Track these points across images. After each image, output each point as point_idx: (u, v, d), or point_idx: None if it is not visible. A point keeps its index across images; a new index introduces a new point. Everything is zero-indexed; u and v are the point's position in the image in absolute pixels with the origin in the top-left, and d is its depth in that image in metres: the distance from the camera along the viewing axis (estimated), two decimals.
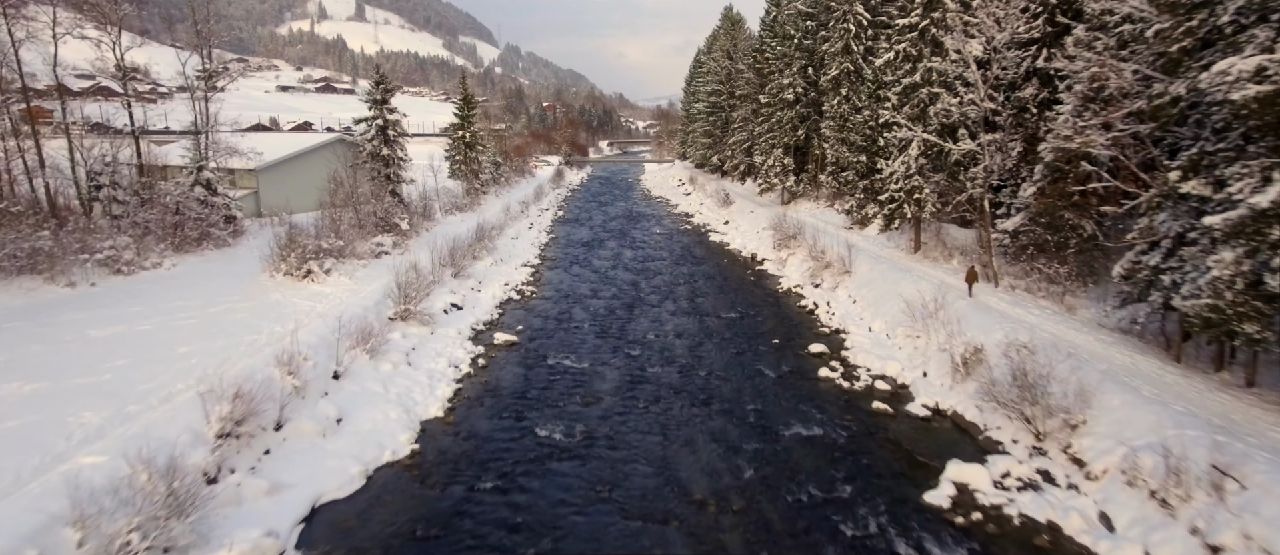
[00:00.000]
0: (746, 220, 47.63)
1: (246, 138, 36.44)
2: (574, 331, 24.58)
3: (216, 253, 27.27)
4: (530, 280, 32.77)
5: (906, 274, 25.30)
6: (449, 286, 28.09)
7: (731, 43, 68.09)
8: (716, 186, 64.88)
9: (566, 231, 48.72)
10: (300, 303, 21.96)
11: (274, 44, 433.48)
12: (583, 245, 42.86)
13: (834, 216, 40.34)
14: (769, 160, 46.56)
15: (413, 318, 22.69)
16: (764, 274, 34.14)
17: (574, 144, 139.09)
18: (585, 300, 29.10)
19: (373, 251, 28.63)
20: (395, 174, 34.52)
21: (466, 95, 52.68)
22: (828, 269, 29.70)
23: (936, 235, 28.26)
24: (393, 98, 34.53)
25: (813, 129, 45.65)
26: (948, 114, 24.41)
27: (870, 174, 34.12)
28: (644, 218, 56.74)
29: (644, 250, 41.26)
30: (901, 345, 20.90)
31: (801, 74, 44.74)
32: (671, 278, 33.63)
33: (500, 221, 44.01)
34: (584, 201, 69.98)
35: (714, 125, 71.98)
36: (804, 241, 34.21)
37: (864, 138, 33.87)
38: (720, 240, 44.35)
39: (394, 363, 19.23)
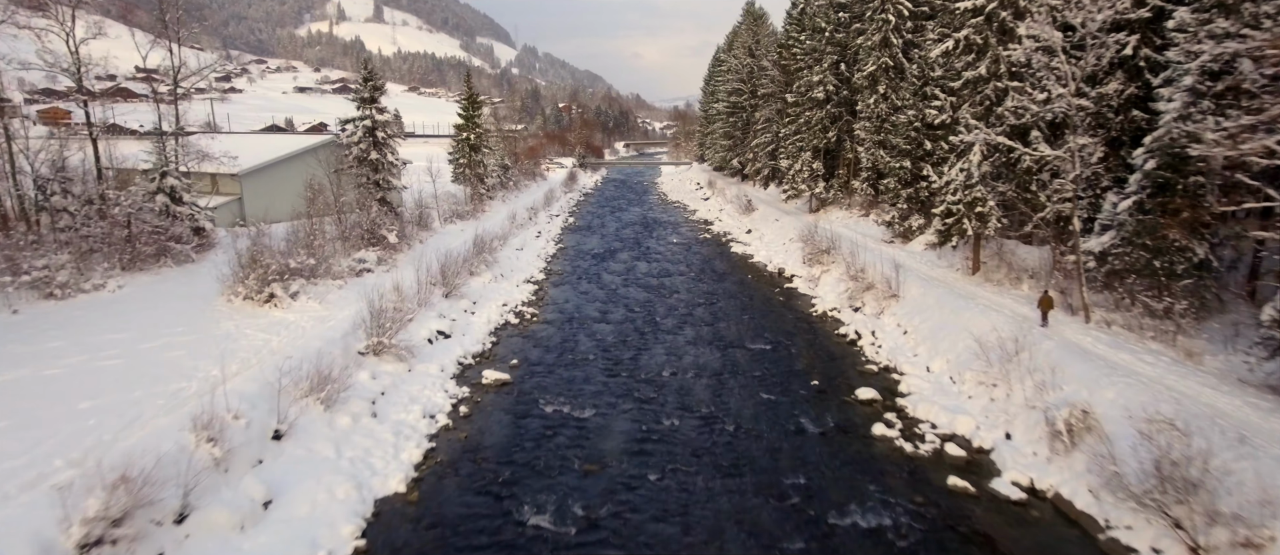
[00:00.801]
0: (771, 229, 43.90)
1: (217, 139, 33.35)
2: (577, 366, 21.07)
3: (175, 271, 24.11)
4: (532, 299, 29.32)
5: (968, 302, 21.49)
6: (438, 309, 24.72)
7: (753, 39, 64.34)
8: (737, 191, 61.16)
9: (576, 241, 45.28)
10: (254, 335, 18.65)
11: (293, 45, 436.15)
12: (593, 257, 39.38)
13: (870, 227, 36.50)
14: (796, 164, 42.84)
15: (387, 352, 19.31)
16: (794, 293, 30.42)
17: (589, 145, 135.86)
18: (592, 325, 25.59)
19: (352, 269, 25.34)
20: (385, 180, 31.24)
21: (470, 93, 49.45)
22: (870, 291, 25.94)
23: (998, 254, 24.42)
24: (383, 96, 31.25)
25: (845, 130, 41.84)
26: (1019, 113, 20.60)
27: (915, 181, 30.31)
28: (660, 225, 53.18)
29: (660, 263, 37.70)
30: (971, 394, 17.15)
31: (833, 70, 40.96)
32: (690, 297, 30.04)
33: (504, 230, 40.66)
34: (597, 206, 66.56)
35: (734, 126, 68.26)
36: (839, 256, 30.47)
37: (908, 140, 30.06)
38: (743, 252, 40.67)
39: (355, 415, 15.83)
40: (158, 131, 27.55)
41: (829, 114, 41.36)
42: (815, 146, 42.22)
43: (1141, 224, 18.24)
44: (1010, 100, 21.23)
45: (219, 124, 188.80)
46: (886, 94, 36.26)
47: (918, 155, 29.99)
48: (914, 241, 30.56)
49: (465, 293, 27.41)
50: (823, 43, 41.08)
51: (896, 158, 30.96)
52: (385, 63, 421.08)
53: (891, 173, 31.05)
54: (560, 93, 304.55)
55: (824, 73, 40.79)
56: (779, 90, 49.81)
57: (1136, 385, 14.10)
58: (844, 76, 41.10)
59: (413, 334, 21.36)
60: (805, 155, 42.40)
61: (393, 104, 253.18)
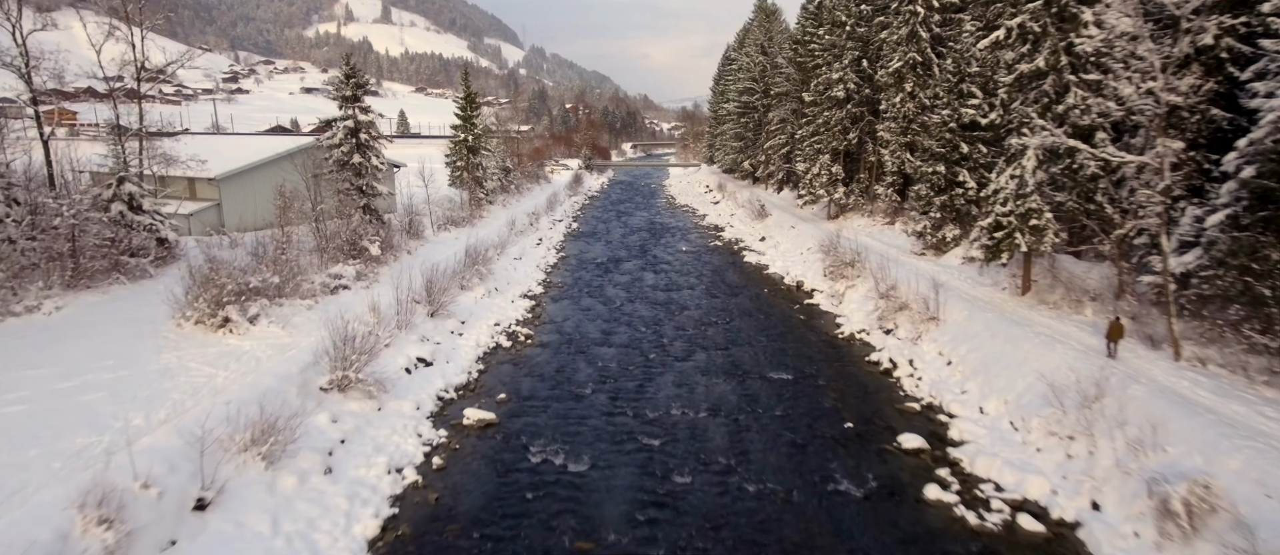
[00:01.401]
0: (787, 237, 41.13)
1: (182, 142, 30.87)
2: (574, 402, 18.40)
3: (128, 289, 21.59)
4: (528, 318, 26.68)
5: (1024, 329, 18.68)
6: (421, 331, 22.11)
7: (766, 36, 61.58)
8: (749, 195, 58.38)
9: (579, 249, 42.64)
10: (198, 369, 16.08)
11: (301, 46, 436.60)
12: (597, 267, 36.73)
13: (896, 237, 33.68)
14: (813, 168, 40.08)
15: (355, 387, 16.70)
16: (815, 311, 27.65)
17: (595, 146, 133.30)
18: (593, 349, 22.93)
19: (326, 287, 22.76)
20: (369, 186, 28.68)
21: (469, 92, 46.91)
22: (903, 311, 23.16)
23: (1050, 271, 21.59)
24: (367, 96, 28.69)
25: (866, 131, 39.04)
26: (1086, 109, 17.79)
27: (949, 188, 27.50)
28: (668, 231, 50.48)
29: (668, 274, 35.00)
30: (1041, 446, 14.36)
31: (854, 67, 38.18)
32: (701, 314, 27.33)
33: (502, 238, 38.07)
34: (602, 210, 63.93)
35: (746, 127, 65.50)
36: (866, 270, 27.69)
37: (941, 143, 27.25)
38: (757, 261, 37.92)
39: (303, 473, 13.21)
40: (115, 130, 25.05)
41: (849, 114, 38.57)
42: (834, 149, 39.44)
43: (1237, 242, 15.42)
44: (1071, 96, 18.42)
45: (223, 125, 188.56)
46: (914, 92, 33.47)
47: (953, 159, 27.19)
48: (948, 254, 27.74)
49: (454, 311, 24.79)
50: (843, 38, 38.31)
51: (928, 161, 28.16)
52: (392, 63, 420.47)
53: (922, 178, 28.26)
54: (567, 93, 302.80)
55: (844, 70, 38.01)
56: (795, 89, 47.04)
57: (1270, 452, 11.30)
58: (866, 74, 38.31)
59: (387, 364, 18.75)
60: (823, 158, 39.64)
61: (400, 105, 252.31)
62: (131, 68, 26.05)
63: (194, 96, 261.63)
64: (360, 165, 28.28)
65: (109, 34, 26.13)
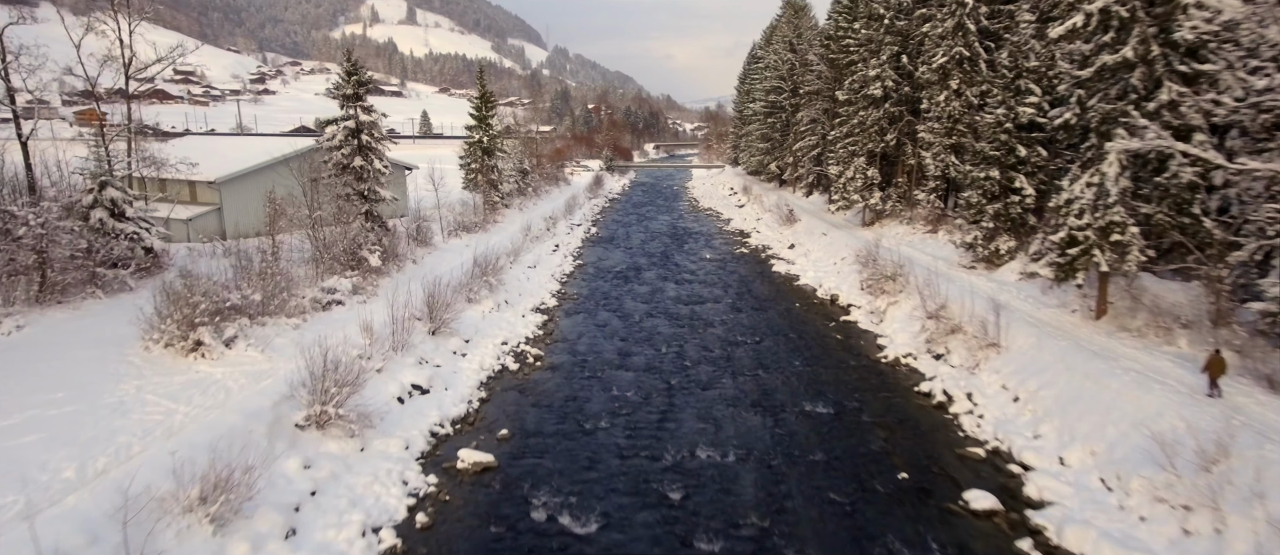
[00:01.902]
0: (818, 245, 38.59)
1: (173, 143, 29.26)
2: (585, 439, 16.22)
3: (103, 304, 19.85)
4: (539, 335, 24.56)
5: (1107, 362, 16.08)
6: (419, 352, 20.08)
7: (795, 32, 58.96)
8: (776, 198, 55.82)
9: (598, 256, 40.50)
10: (157, 404, 14.16)
11: (327, 47, 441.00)
12: (615, 277, 34.54)
13: (940, 247, 31.02)
14: (847, 171, 37.49)
15: (335, 424, 14.67)
16: (853, 330, 25.16)
17: (617, 147, 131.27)
18: (609, 372, 20.74)
19: (318, 302, 20.84)
20: (371, 190, 26.78)
21: (484, 91, 45.01)
22: (957, 335, 20.63)
23: (1128, 291, 18.91)
24: (370, 95, 26.81)
25: (905, 133, 36.38)
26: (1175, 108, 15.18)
27: (1004, 194, 24.85)
28: (691, 236, 48.16)
29: (691, 285, 32.70)
30: (1145, 512, 11.83)
31: (892, 63, 35.54)
32: (727, 332, 25.00)
33: (516, 245, 36.05)
34: (623, 214, 61.78)
35: (773, 128, 62.93)
36: (909, 284, 25.16)
37: (995, 145, 24.61)
38: (787, 272, 35.45)
39: (258, 538, 11.17)
40: (98, 131, 23.42)
41: (887, 114, 35.95)
42: (870, 151, 36.83)
43: None
44: (1165, 92, 15.79)
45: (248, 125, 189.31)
46: (960, 89, 30.79)
47: (1008, 163, 24.53)
48: (1002, 268, 25.09)
49: (458, 328, 22.73)
50: (881, 32, 35.68)
51: (978, 165, 25.52)
52: (417, 64, 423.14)
53: (972, 184, 25.62)
54: (590, 94, 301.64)
55: (881, 66, 35.40)
56: (827, 87, 44.44)
57: None
58: (905, 70, 35.65)
59: (377, 393, 16.73)
60: (858, 161, 37.04)
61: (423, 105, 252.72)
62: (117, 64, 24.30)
63: (222, 97, 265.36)
64: (361, 169, 26.39)
65: (89, 27, 24.51)
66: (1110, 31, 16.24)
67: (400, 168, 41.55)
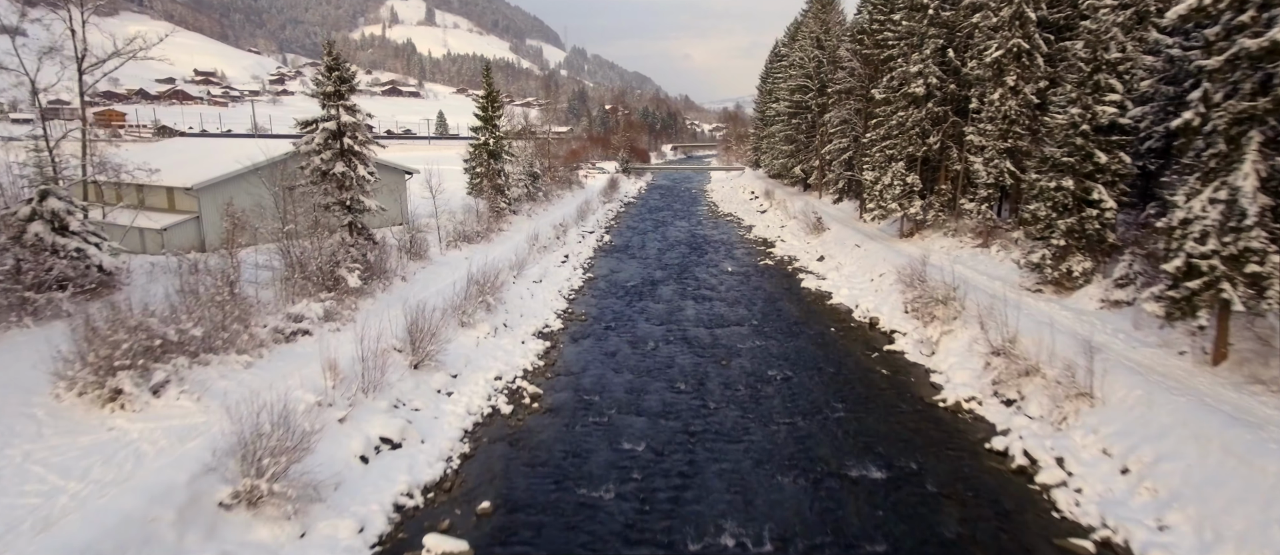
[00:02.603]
0: (851, 258, 35.20)
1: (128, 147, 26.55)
2: (586, 515, 13.12)
3: (27, 335, 17.08)
4: (539, 367, 21.51)
5: (1256, 432, 12.59)
6: (396, 393, 17.13)
7: (822, 27, 55.48)
8: (802, 204, 52.41)
9: (610, 268, 37.42)
10: (42, 479, 11.27)
11: (347, 48, 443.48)
12: (627, 294, 31.42)
13: (993, 264, 27.55)
14: (885, 177, 34.07)
15: (271, 501, 11.71)
16: (900, 363, 21.83)
17: (633, 148, 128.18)
18: (617, 418, 17.64)
19: (281, 333, 17.94)
20: (355, 200, 23.90)
21: (489, 89, 42.12)
22: (1032, 378, 17.27)
23: (1250, 328, 15.43)
24: (354, 94, 23.93)
25: (950, 135, 32.91)
26: None
27: (1078, 207, 21.40)
28: (710, 245, 44.93)
29: (711, 303, 29.51)
30: None
31: (936, 58, 32.09)
32: (755, 363, 21.80)
33: (520, 257, 33.07)
34: (638, 220, 58.67)
35: (798, 129, 59.49)
36: (966, 310, 21.80)
37: (1070, 150, 21.16)
38: (817, 288, 32.12)
39: None
40: (41, 131, 20.75)
41: (930, 114, 32.49)
42: (910, 155, 33.38)
43: None
44: None
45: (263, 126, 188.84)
46: (1017, 86, 27.31)
47: (1083, 171, 21.07)
48: (1077, 294, 21.62)
49: (445, 359, 19.75)
50: (923, 24, 32.24)
51: (1047, 173, 22.06)
52: (435, 65, 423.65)
53: (1040, 195, 22.16)
54: (607, 94, 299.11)
55: (924, 62, 31.95)
56: (860, 86, 40.99)
57: None
58: (951, 66, 32.18)
59: (333, 452, 13.78)
60: (896, 166, 33.61)
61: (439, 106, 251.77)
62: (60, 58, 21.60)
63: (241, 98, 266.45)
64: (344, 176, 23.50)
65: (23, 14, 21.85)
66: (1250, 8, 12.86)
67: (398, 172, 38.80)
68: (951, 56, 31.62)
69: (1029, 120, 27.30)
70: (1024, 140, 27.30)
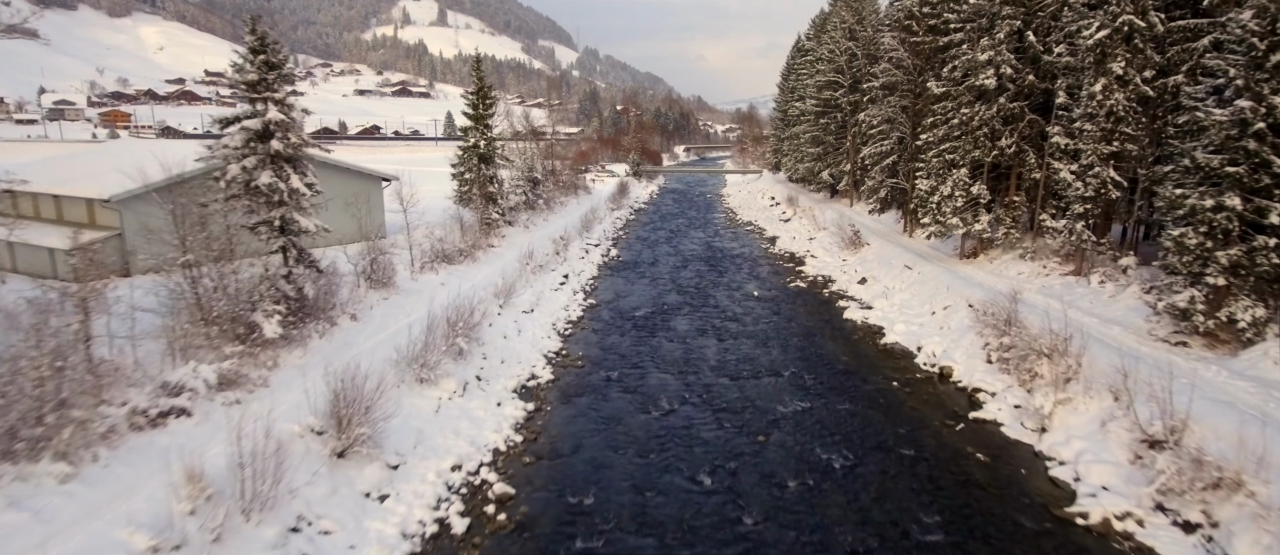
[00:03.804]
0: (901, 282, 29.64)
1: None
2: None
3: None
4: (514, 446, 16.19)
5: None
6: (296, 510, 11.86)
7: (855, 17, 49.86)
8: (834, 215, 46.84)
9: (616, 291, 32.08)
10: None
11: (358, 49, 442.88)
12: (635, 327, 26.07)
13: (1096, 298, 21.92)
14: (943, 186, 28.48)
15: None
16: (1000, 443, 16.27)
17: (645, 150, 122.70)
18: (619, 539, 12.28)
19: (142, 416, 12.70)
20: (289, 219, 18.71)
21: (480, 84, 36.94)
22: (1224, 490, 11.72)
23: None
24: (288, 84, 18.75)
25: (1027, 136, 27.29)
26: None
27: (1248, 234, 15.79)
28: (731, 261, 39.48)
29: (738, 341, 24.11)
30: None
31: (1011, 44, 26.49)
32: (801, 439, 16.38)
33: (509, 281, 27.79)
34: (649, 230, 53.29)
35: (826, 130, 53.90)
36: (1083, 371, 16.27)
37: (1234, 158, 15.56)
38: (863, 321, 26.64)
39: None
40: None
41: (1002, 111, 26.88)
42: (975, 160, 27.80)
43: None
44: None
45: None
46: (1126, 75, 21.69)
47: (1258, 186, 15.47)
48: (1247, 353, 15.98)
49: (386, 439, 14.45)
50: (995, 2, 26.64)
51: (1199, 189, 16.44)
52: (446, 65, 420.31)
53: (1190, 216, 16.53)
54: (619, 95, 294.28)
55: (995, 48, 26.37)
56: (909, 79, 35.37)
57: None
58: (1030, 53, 26.55)
59: None
60: (958, 173, 28.03)
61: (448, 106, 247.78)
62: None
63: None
64: (272, 188, 18.30)
65: None
66: None
67: (371, 179, 33.68)
68: (1031, 41, 25.98)
69: (1145, 117, 21.68)
70: (1136, 143, 21.69)
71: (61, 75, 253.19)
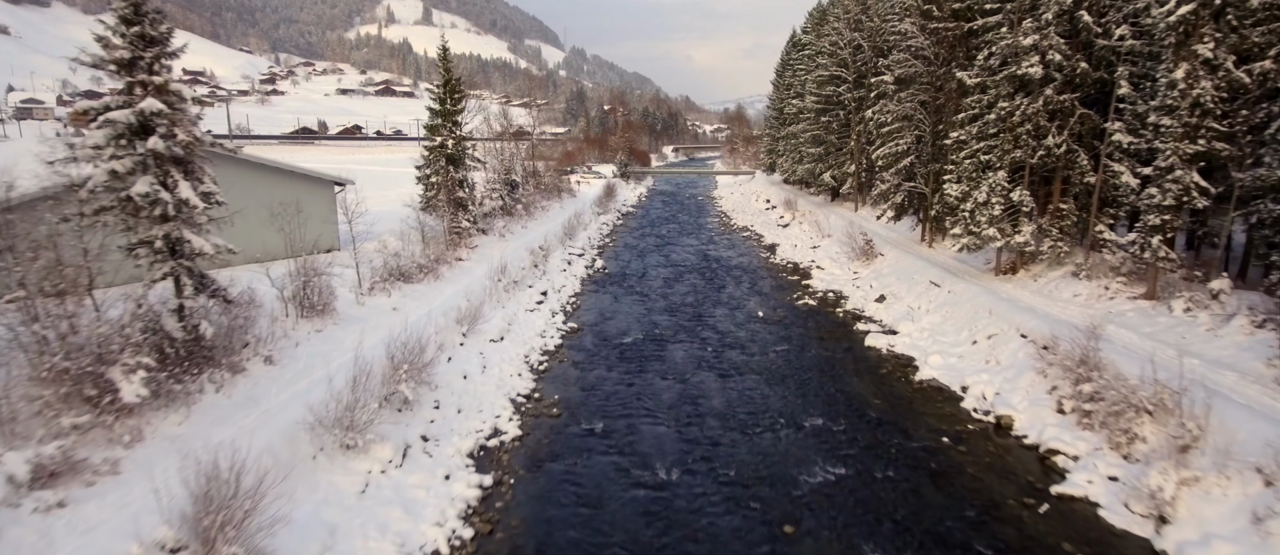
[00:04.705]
0: (927, 301, 25.80)
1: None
2: None
3: None
4: (466, 538, 12.06)
5: None
6: None
7: (860, 5, 46.05)
8: (840, 220, 43.06)
9: (600, 312, 28.02)
10: None
11: (342, 48, 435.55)
12: (622, 360, 22.01)
13: (1181, 329, 18.11)
14: (977, 192, 24.64)
15: None
16: (1103, 535, 12.36)
17: (633, 150, 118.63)
18: None
19: None
20: (179, 239, 14.52)
21: (448, 77, 32.76)
22: None
23: None
24: (173, 59, 14.56)
25: (1079, 134, 23.52)
26: None
27: None
28: (728, 273, 35.53)
29: (745, 379, 20.11)
30: None
31: (1061, 25, 22.67)
32: (836, 515, 12.44)
33: (474, 305, 23.65)
34: (638, 236, 49.28)
35: (828, 128, 50.09)
36: (1203, 436, 12.42)
37: None
38: (889, 349, 22.76)
39: None
40: None
41: (1049, 105, 23.08)
42: (1015, 161, 24.00)
43: None
44: None
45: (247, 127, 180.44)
46: (1217, 59, 17.93)
47: None
48: None
49: (281, 550, 10.33)
50: None
51: None
52: (431, 64, 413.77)
53: None
54: (606, 94, 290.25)
55: (1042, 30, 22.56)
56: (931, 70, 31.53)
57: None
58: (1083, 37, 22.76)
59: None
60: (995, 176, 24.21)
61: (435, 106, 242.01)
62: None
63: (228, 98, 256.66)
64: (152, 200, 14.07)
65: None
66: None
67: (323, 184, 29.40)
68: (1085, 21, 22.18)
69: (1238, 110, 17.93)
70: (1230, 143, 17.95)
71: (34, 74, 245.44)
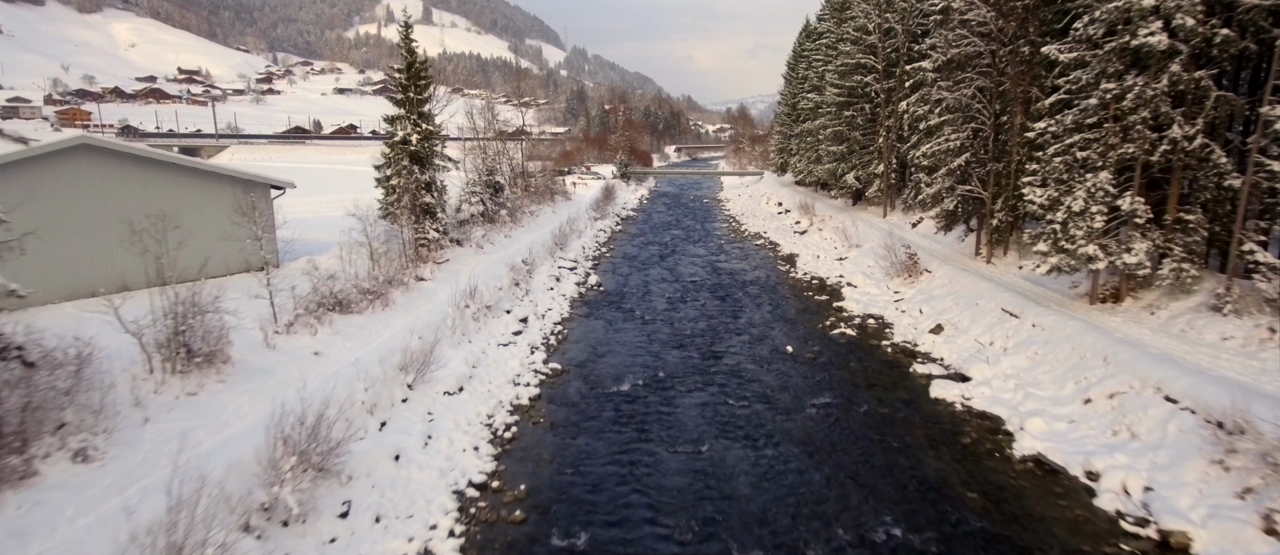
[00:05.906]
0: (1009, 337, 20.37)
1: None
2: None
3: None
4: None
5: None
6: None
7: None
8: (869, 227, 37.68)
9: (591, 346, 22.65)
10: None
11: (340, 48, 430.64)
12: (618, 419, 16.64)
13: None
14: (1072, 198, 19.24)
15: None
16: None
17: (634, 150, 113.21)
18: None
19: None
20: None
21: (411, 60, 27.40)
22: None
23: None
24: None
25: (1212, 124, 18.10)
26: None
27: None
28: (744, 292, 30.15)
29: (779, 446, 14.76)
30: None
31: None
32: None
33: (427, 343, 18.22)
34: (638, 246, 43.91)
35: (852, 124, 44.69)
36: None
37: None
38: (965, 403, 17.38)
39: None
40: None
41: (1176, 85, 17.67)
42: (1124, 159, 18.59)
43: None
44: None
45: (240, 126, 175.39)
46: None
47: None
48: None
49: None
50: None
51: None
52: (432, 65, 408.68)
53: None
54: (607, 94, 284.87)
55: None
56: (992, 50, 26.08)
57: None
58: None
59: None
60: (1094, 179, 18.80)
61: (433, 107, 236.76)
62: None
63: (223, 97, 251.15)
64: None
65: None
66: None
67: (258, 187, 24.01)
68: None
69: None
70: None
71: (25, 72, 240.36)
